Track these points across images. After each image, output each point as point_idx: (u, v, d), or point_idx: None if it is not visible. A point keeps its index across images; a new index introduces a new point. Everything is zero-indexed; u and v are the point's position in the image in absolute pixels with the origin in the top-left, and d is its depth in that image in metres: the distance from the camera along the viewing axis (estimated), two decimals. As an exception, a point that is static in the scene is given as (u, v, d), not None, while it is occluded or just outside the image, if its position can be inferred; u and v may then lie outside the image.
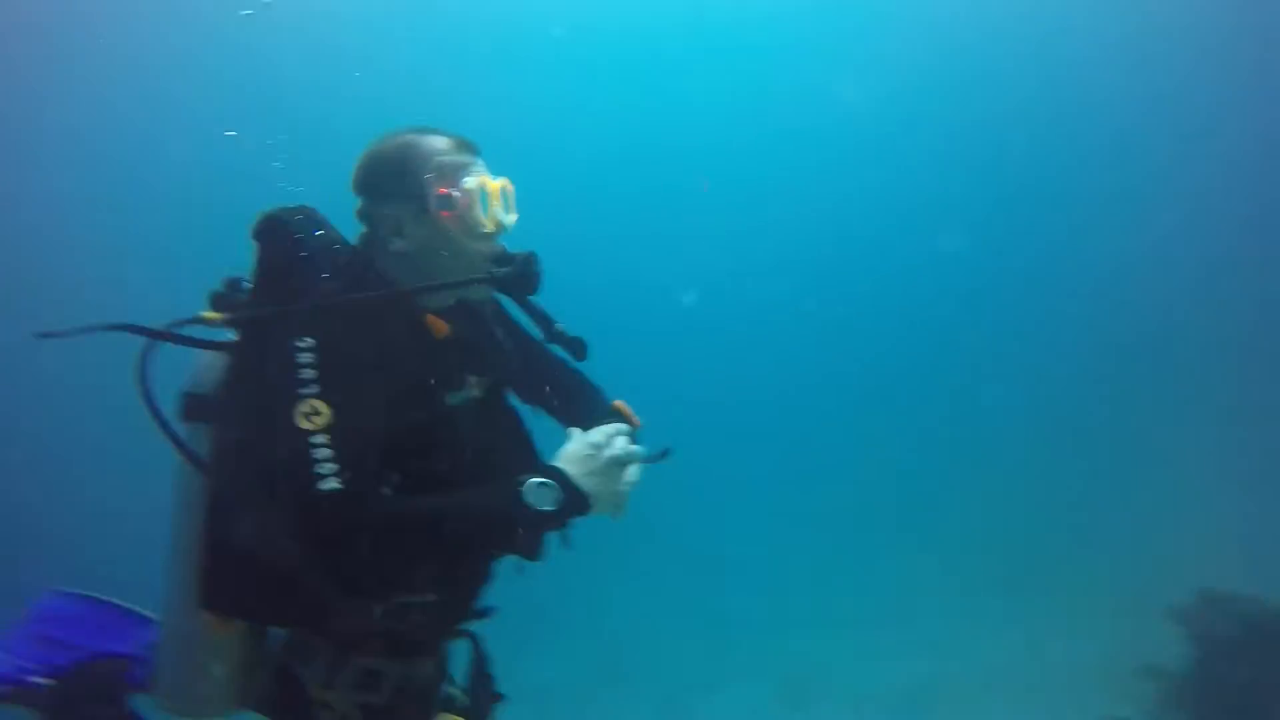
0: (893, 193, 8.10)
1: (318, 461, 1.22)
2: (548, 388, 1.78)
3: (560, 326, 1.63)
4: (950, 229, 7.51)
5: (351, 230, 1.54)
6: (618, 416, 1.62)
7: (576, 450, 1.41)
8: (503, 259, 1.52)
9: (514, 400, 1.76)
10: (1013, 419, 7.58)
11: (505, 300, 1.65)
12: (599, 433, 1.44)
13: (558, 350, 1.68)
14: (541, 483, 1.33)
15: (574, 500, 1.35)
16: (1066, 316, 8.17)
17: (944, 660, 4.91)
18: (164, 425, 1.39)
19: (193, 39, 6.42)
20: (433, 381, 1.45)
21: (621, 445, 1.42)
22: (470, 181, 1.47)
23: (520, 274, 1.51)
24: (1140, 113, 7.87)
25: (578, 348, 1.64)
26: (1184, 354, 7.47)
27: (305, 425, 1.23)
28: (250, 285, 1.46)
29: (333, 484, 1.21)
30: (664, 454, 1.60)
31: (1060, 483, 6.93)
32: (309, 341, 1.29)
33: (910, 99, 7.85)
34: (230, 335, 1.45)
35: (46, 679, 1.63)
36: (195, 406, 1.46)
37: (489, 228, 1.50)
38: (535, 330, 1.66)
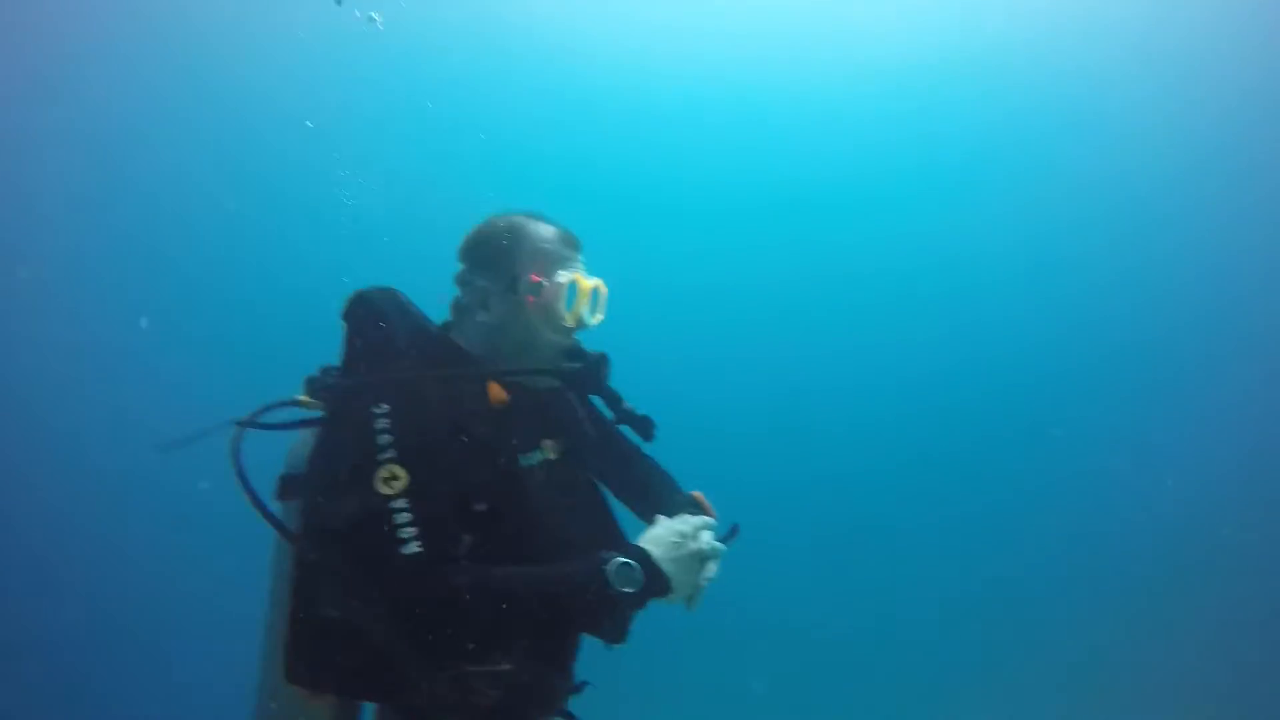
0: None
1: (398, 526, 1.25)
2: (621, 472, 1.77)
3: (628, 405, 1.64)
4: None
5: (431, 307, 1.62)
6: (695, 507, 1.60)
7: (663, 535, 1.42)
8: (575, 353, 1.57)
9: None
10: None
11: None
12: (686, 523, 1.45)
13: (626, 431, 1.69)
14: (626, 563, 1.33)
15: (656, 584, 1.36)
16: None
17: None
18: (259, 504, 1.44)
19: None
20: (503, 444, 1.47)
21: (707, 539, 1.43)
22: (562, 275, 1.54)
23: (585, 374, 1.54)
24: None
25: (646, 428, 1.64)
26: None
27: (385, 490, 1.28)
28: (339, 367, 1.55)
29: (413, 548, 1.24)
30: (733, 532, 1.58)
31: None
32: (384, 408, 1.35)
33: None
34: (321, 415, 1.52)
35: None
36: (289, 486, 1.53)
37: (569, 323, 1.55)
38: (605, 410, 1.67)
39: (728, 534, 1.55)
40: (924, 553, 6.40)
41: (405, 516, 1.26)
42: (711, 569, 1.42)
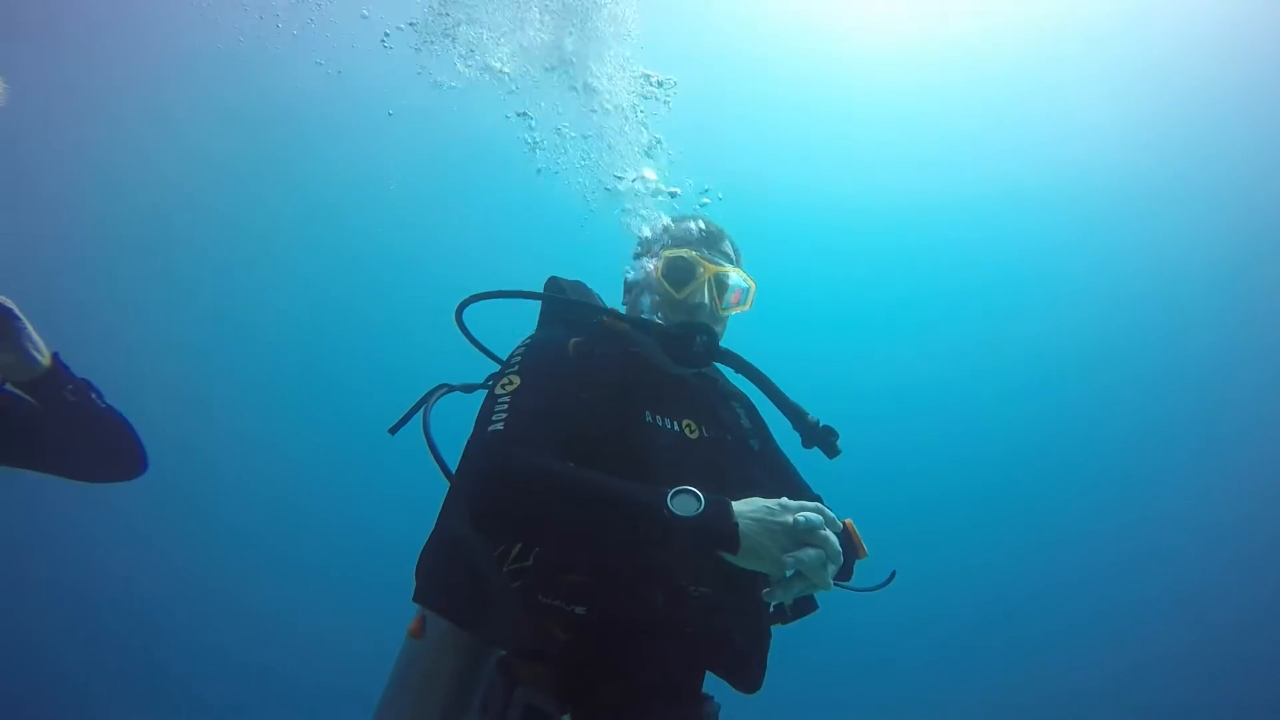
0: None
1: (496, 412, 1.42)
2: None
3: (812, 419, 1.60)
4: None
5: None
6: (846, 539, 1.44)
7: (759, 500, 1.33)
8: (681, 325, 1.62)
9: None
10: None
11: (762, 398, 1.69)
12: (796, 503, 1.32)
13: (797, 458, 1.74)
14: (689, 490, 1.27)
15: (720, 526, 1.26)
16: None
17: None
18: (431, 446, 1.58)
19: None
20: (623, 389, 1.57)
21: (808, 518, 1.28)
22: (670, 252, 1.65)
23: (670, 334, 1.58)
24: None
25: (829, 442, 1.59)
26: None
27: (499, 392, 1.47)
28: None
29: (498, 426, 1.39)
30: (890, 578, 1.55)
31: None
32: (526, 341, 1.58)
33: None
34: None
35: None
36: None
37: (679, 297, 1.62)
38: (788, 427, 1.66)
39: (885, 581, 1.53)
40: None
41: (504, 406, 1.41)
42: (809, 557, 1.25)
